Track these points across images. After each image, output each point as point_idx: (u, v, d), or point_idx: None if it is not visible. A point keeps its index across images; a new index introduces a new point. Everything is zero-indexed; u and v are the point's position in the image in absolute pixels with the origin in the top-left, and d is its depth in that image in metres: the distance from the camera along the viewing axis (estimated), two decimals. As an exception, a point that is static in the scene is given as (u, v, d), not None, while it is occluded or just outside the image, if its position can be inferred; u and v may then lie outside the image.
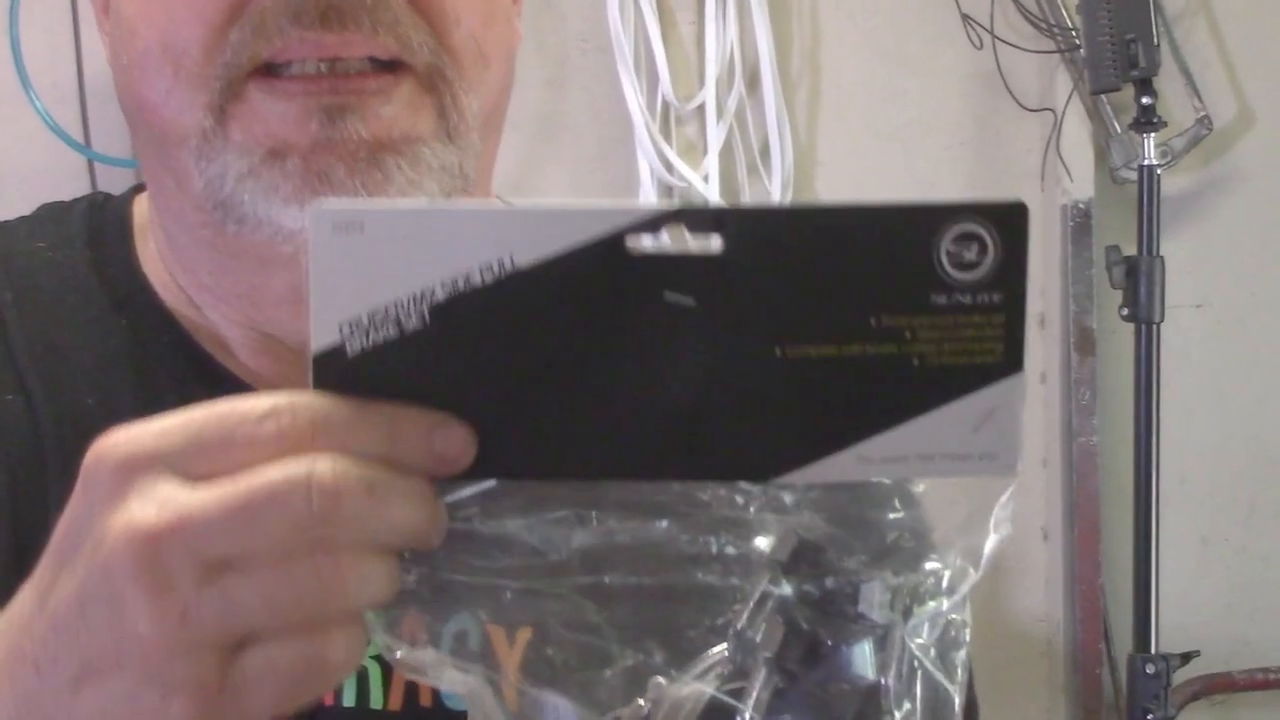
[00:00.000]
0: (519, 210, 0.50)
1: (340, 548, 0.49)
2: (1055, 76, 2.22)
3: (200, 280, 0.77)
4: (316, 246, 0.50)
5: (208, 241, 0.75)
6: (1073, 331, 2.23)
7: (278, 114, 0.69)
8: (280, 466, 0.49)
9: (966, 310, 0.51)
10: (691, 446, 0.51)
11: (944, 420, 0.52)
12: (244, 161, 0.69)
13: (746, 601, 0.57)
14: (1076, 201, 2.22)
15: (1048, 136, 2.24)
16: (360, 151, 0.68)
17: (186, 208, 0.74)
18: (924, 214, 0.50)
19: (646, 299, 0.50)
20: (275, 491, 0.48)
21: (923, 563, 0.56)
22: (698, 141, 2.16)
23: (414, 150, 0.70)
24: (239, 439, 0.49)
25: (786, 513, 0.56)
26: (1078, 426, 2.23)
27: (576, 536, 0.55)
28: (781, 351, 0.51)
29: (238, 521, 0.48)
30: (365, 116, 0.68)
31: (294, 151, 0.69)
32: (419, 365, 0.51)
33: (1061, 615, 2.27)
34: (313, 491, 0.48)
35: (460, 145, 0.72)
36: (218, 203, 0.71)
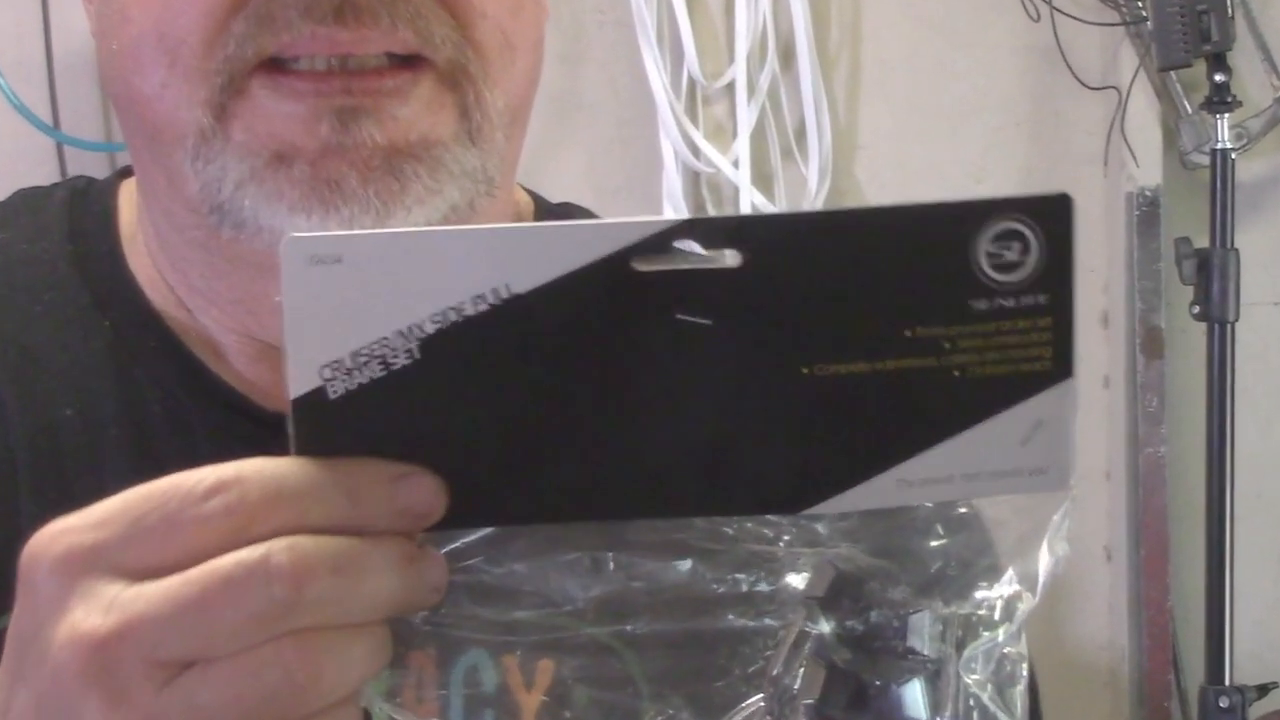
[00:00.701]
0: (513, 231, 0.50)
1: (310, 634, 0.49)
2: (1120, 51, 2.22)
3: (191, 282, 0.77)
4: (291, 282, 0.50)
5: (200, 244, 0.74)
6: (1139, 331, 2.23)
7: (284, 114, 0.68)
8: (234, 554, 0.49)
9: (1010, 315, 0.51)
10: (714, 479, 0.52)
11: (989, 435, 0.52)
12: (245, 165, 0.69)
13: (782, 644, 0.57)
14: (1143, 189, 2.22)
15: (1111, 117, 2.23)
16: (374, 158, 0.68)
17: (178, 208, 0.74)
18: (959, 213, 0.50)
19: (658, 321, 0.50)
20: (229, 582, 0.49)
21: (974, 591, 0.56)
22: (726, 123, 2.17)
23: (433, 155, 0.69)
24: (184, 522, 0.50)
25: (821, 545, 0.56)
26: (1144, 436, 2.23)
27: (592, 582, 0.55)
28: (809, 370, 0.51)
29: (192, 619, 0.49)
30: (380, 119, 0.68)
31: (301, 156, 0.68)
32: (409, 406, 0.51)
33: (1126, 643, 2.27)
34: (271, 578, 0.48)
35: (484, 147, 0.71)
36: (214, 207, 0.70)
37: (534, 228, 0.51)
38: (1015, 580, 0.56)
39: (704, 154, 2.12)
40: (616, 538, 0.55)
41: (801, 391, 0.51)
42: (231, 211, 0.69)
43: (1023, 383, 0.51)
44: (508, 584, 0.54)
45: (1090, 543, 2.27)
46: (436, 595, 0.52)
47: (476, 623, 0.54)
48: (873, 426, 0.51)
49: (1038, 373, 0.51)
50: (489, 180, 0.72)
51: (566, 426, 0.51)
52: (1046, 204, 0.50)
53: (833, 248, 0.50)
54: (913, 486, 0.52)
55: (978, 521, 0.57)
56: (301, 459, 0.50)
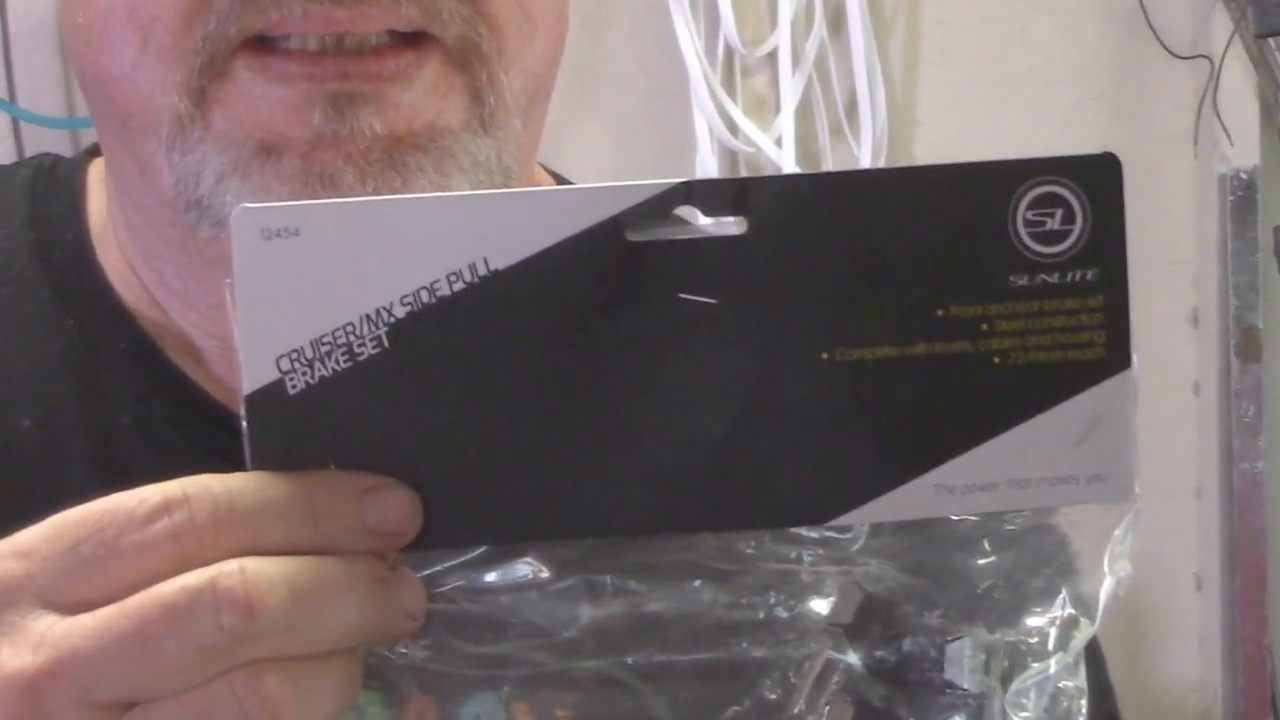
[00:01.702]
0: (490, 198, 0.51)
1: (267, 668, 0.49)
2: (1212, 16, 2.22)
3: (166, 282, 0.77)
4: (244, 260, 0.50)
5: (176, 242, 0.74)
6: (1233, 331, 2.22)
7: (272, 100, 0.68)
8: (178, 579, 0.49)
9: (1055, 292, 0.51)
10: (724, 486, 0.52)
11: (1038, 435, 0.51)
12: (227, 156, 0.68)
13: (805, 677, 0.56)
14: (1238, 170, 2.21)
15: (1202, 90, 2.23)
16: (374, 150, 0.67)
17: (151, 202, 0.74)
18: (993, 174, 0.50)
19: (656, 301, 0.50)
20: (173, 611, 0.48)
21: (1023, 616, 0.56)
22: (768, 96, 2.16)
23: (441, 145, 0.69)
24: (124, 549, 0.50)
25: (849, 563, 0.56)
26: (1239, 449, 2.22)
27: (589, 609, 0.55)
28: (829, 356, 0.51)
29: (132, 655, 0.49)
30: (381, 106, 0.67)
31: (291, 148, 0.67)
32: (378, 403, 0.51)
33: (1219, 683, 2.26)
34: (220, 606, 0.48)
35: (498, 135, 0.71)
36: (191, 202, 0.70)
37: (514, 194, 0.51)
38: (1070, 604, 0.56)
39: (743, 131, 2.11)
40: (615, 558, 0.55)
41: (821, 380, 0.51)
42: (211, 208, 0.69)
43: (1074, 373, 0.51)
44: (493, 613, 0.54)
45: (1178, 569, 2.26)
46: (412, 623, 0.52)
47: (457, 656, 0.54)
48: (904, 422, 0.51)
49: (1091, 361, 0.51)
50: (505, 171, 0.71)
51: (556, 428, 0.51)
52: (1091, 165, 0.50)
53: (849, 214, 0.50)
54: (953, 494, 0.52)
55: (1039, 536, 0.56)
56: (257, 474, 0.50)
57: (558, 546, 0.54)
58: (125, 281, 0.78)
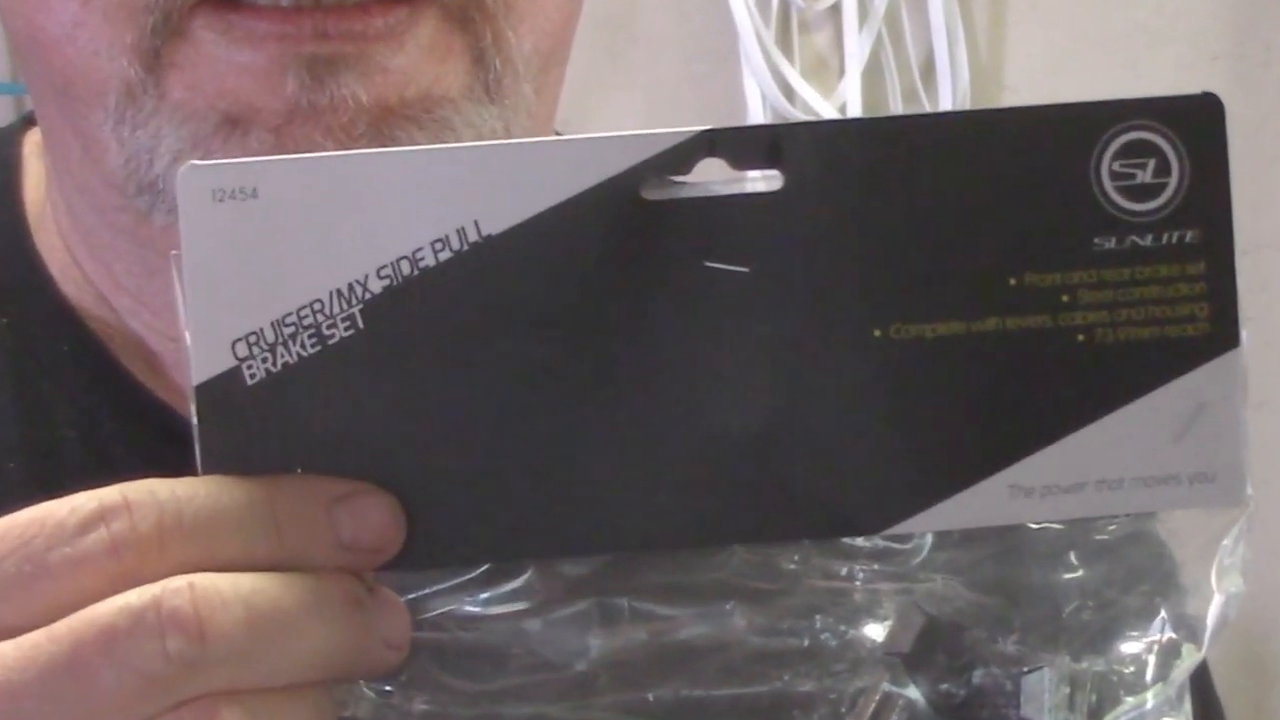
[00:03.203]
0: (482, 151, 0.51)
1: (222, 702, 0.49)
2: (1350, -39, 2.24)
3: (116, 277, 0.77)
4: (192, 226, 0.50)
5: (125, 230, 0.75)
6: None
7: (238, 65, 0.67)
8: (117, 599, 0.49)
9: (1148, 257, 0.51)
10: (761, 490, 0.52)
11: (1130, 426, 0.51)
12: (185, 130, 0.68)
13: (858, 715, 0.56)
14: (1378, 142, 2.23)
15: (1340, 52, 2.25)
16: (358, 122, 0.67)
17: (96, 184, 0.74)
18: (1071, 119, 0.51)
19: (677, 271, 0.50)
20: (111, 636, 0.48)
21: (1115, 641, 0.56)
22: (831, 57, 2.17)
23: (438, 117, 0.69)
24: (53, 565, 0.49)
25: (909, 579, 0.56)
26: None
27: (603, 638, 0.55)
28: (882, 333, 0.51)
29: (62, 688, 0.48)
30: (366, 71, 0.67)
31: (260, 120, 0.67)
32: (352, 392, 0.51)
33: (1367, 739, 2.29)
34: (166, 629, 0.48)
35: (506, 103, 0.71)
36: (144, 185, 0.70)
37: (508, 145, 0.51)
38: (1171, 626, 0.56)
39: (800, 97, 2.12)
40: (633, 578, 0.55)
41: (873, 362, 0.51)
42: (166, 191, 0.69)
43: (1172, 352, 0.51)
44: (490, 643, 0.54)
45: None
46: (394, 654, 0.52)
47: (450, 695, 0.54)
48: (972, 412, 0.52)
49: (1192, 338, 0.51)
50: None
51: (561, 423, 0.51)
52: (1188, 107, 0.51)
53: (903, 166, 0.51)
54: (1031, 497, 0.52)
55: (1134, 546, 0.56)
56: (210, 479, 0.50)
57: (566, 564, 0.54)
58: (68, 274, 0.79)
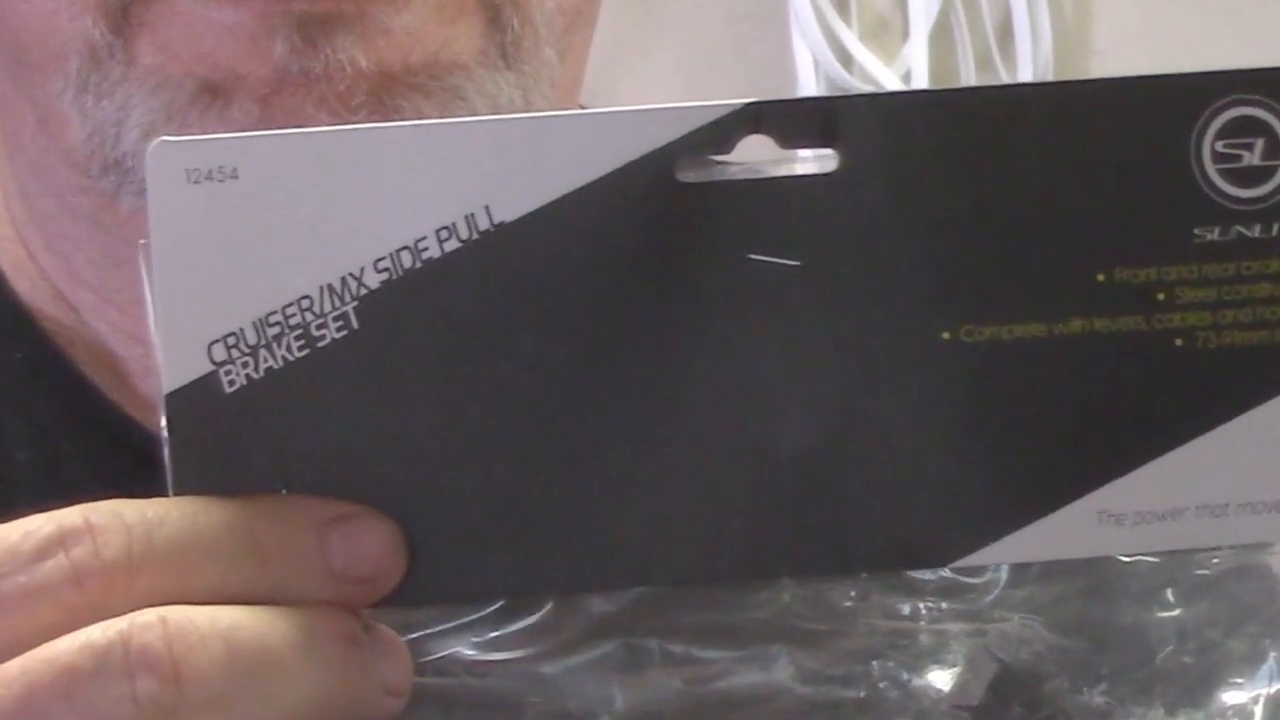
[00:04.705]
0: (496, 125, 0.51)
1: None
2: None
3: (75, 270, 0.78)
4: (164, 212, 0.50)
5: (88, 216, 0.75)
6: None
7: (219, 26, 0.68)
8: (78, 635, 0.48)
9: (1257, 251, 0.51)
10: (813, 516, 0.52)
11: (1236, 444, 0.51)
12: (158, 100, 0.69)
13: None
14: None
15: None
16: (357, 90, 0.68)
17: (55, 162, 0.75)
18: (1168, 92, 0.51)
19: (718, 264, 0.50)
20: (71, 678, 0.48)
21: (1218, 690, 0.56)
22: (893, 18, 2.20)
23: (448, 85, 0.69)
24: (7, 598, 0.49)
25: (981, 620, 0.56)
26: None
27: (630, 685, 0.55)
28: (952, 336, 0.51)
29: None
30: (366, 33, 0.68)
31: (244, 89, 0.68)
32: (346, 402, 0.51)
33: None
34: (134, 669, 0.48)
35: (525, 69, 0.72)
36: (109, 163, 0.70)
37: (524, 119, 0.51)
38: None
39: (858, 63, 2.14)
40: (665, 616, 0.55)
41: (942, 369, 0.51)
42: (136, 170, 0.69)
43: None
44: (502, 690, 0.54)
45: None
46: (394, 701, 0.52)
47: None
48: (1055, 426, 0.51)
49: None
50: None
51: (585, 439, 0.51)
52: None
53: (975, 145, 0.51)
54: (1122, 525, 0.52)
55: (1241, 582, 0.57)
56: (184, 499, 0.50)
57: (589, 600, 0.54)
58: (21, 269, 0.79)
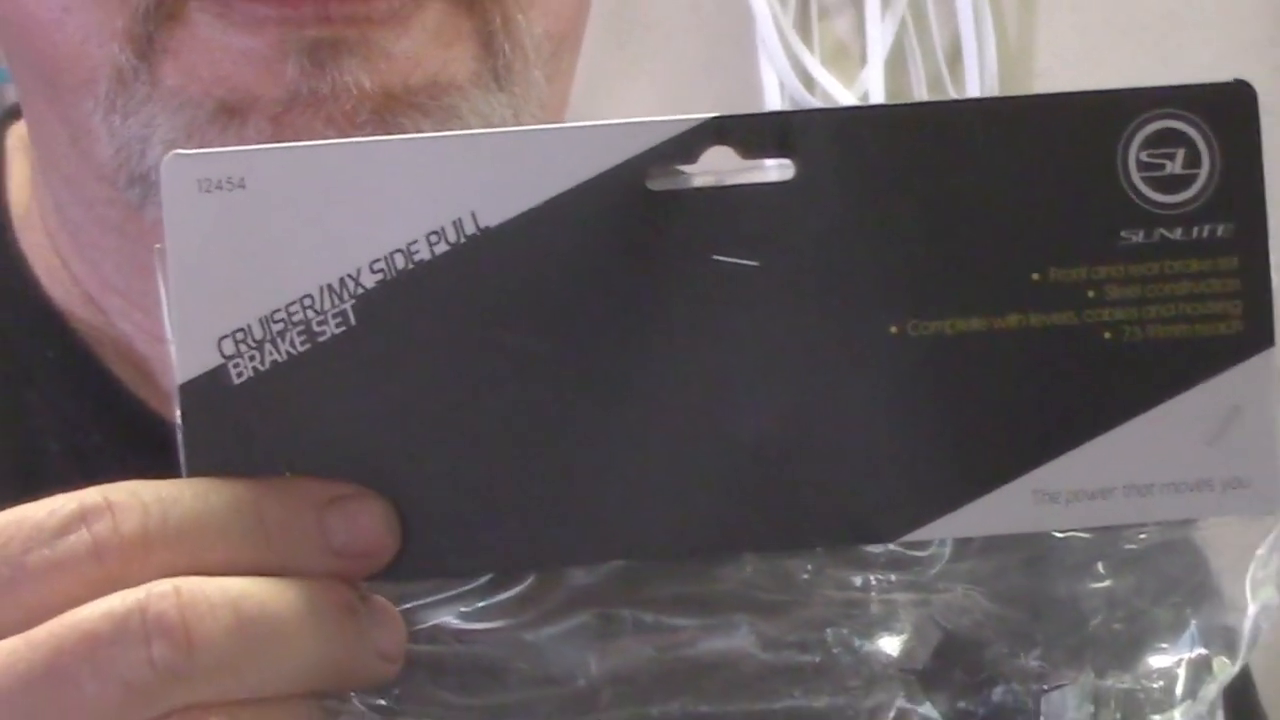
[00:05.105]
0: (481, 139, 0.51)
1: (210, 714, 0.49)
2: (1399, -59, 2.24)
3: (104, 276, 0.78)
4: (177, 218, 0.51)
5: (115, 226, 0.75)
6: None
7: (236, 51, 0.67)
8: (99, 603, 0.49)
9: (1178, 252, 0.51)
10: (773, 496, 0.52)
11: (1160, 429, 0.52)
12: (180, 119, 0.68)
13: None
14: None
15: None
16: (361, 110, 0.67)
17: (85, 176, 0.74)
18: (1097, 107, 0.52)
19: (684, 264, 0.51)
20: (93, 643, 0.48)
21: (1143, 656, 0.56)
22: (852, 43, 2.16)
23: (445, 104, 0.69)
24: (32, 568, 0.49)
25: (927, 590, 0.56)
26: None
27: (605, 651, 0.55)
28: (899, 330, 0.51)
29: (42, 696, 0.48)
30: (369, 56, 0.67)
31: (259, 108, 0.67)
32: (344, 392, 0.51)
33: None
34: (151, 635, 0.48)
35: (516, 90, 0.71)
36: (135, 177, 0.70)
37: (507, 133, 0.51)
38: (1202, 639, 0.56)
39: (820, 85, 2.11)
40: (637, 589, 0.55)
41: (890, 361, 0.51)
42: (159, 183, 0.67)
43: (1204, 352, 0.52)
44: (489, 656, 0.54)
45: None
46: (388, 666, 0.52)
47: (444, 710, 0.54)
48: (994, 413, 0.52)
49: (1225, 337, 0.52)
50: None
51: (563, 425, 0.52)
52: (1218, 95, 0.52)
53: (921, 155, 0.51)
54: (1056, 503, 0.52)
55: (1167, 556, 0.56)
56: (196, 480, 0.51)
57: (568, 575, 0.55)
58: (54, 275, 0.79)
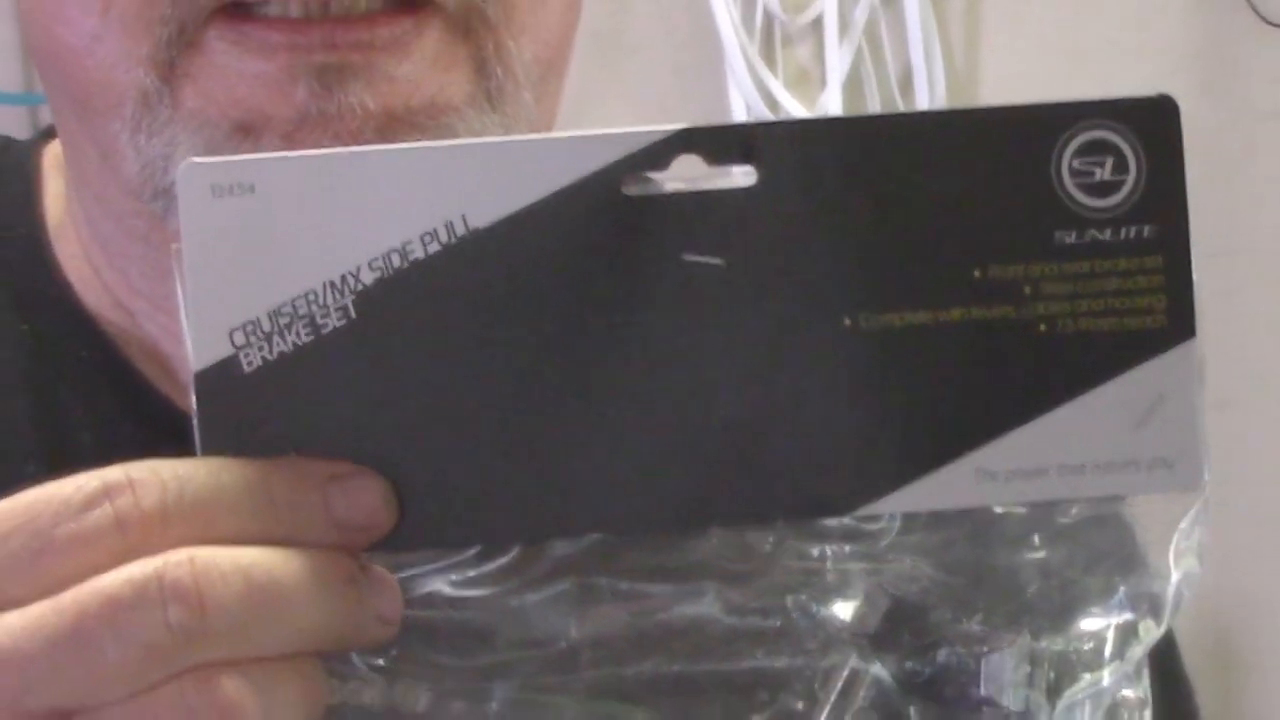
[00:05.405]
0: (470, 148, 0.52)
1: (221, 671, 0.49)
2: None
3: (131, 282, 0.77)
4: (192, 221, 0.51)
5: (140, 236, 0.75)
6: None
7: (250, 75, 0.67)
8: (120, 571, 0.48)
9: (1107, 252, 0.51)
10: (737, 474, 0.52)
11: (1091, 413, 0.52)
12: (199, 138, 0.68)
13: (828, 691, 0.56)
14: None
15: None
16: (365, 129, 0.67)
17: (113, 191, 0.74)
18: (1032, 118, 0.52)
19: (657, 263, 0.51)
20: (114, 605, 0.48)
21: (1075, 620, 0.56)
22: (813, 68, 2.17)
23: (442, 123, 0.69)
24: (59, 541, 0.49)
25: (878, 560, 0.56)
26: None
27: (584, 616, 0.55)
28: (852, 323, 0.51)
29: (67, 657, 0.48)
30: (373, 79, 0.67)
31: (271, 127, 0.67)
32: (345, 380, 0.51)
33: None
34: (166, 598, 0.48)
35: (507, 110, 0.71)
36: (159, 191, 0.70)
37: (494, 142, 0.52)
38: (1129, 605, 0.56)
39: (783, 108, 2.11)
40: (614, 560, 0.55)
41: (843, 350, 0.51)
42: None
43: (1131, 343, 0.52)
44: (478, 621, 0.54)
45: (1274, 601, 2.26)
46: (385, 629, 0.52)
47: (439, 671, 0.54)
48: (939, 398, 0.52)
49: (1150, 330, 0.52)
50: None
51: (546, 410, 0.51)
52: (1144, 108, 0.51)
53: (872, 162, 0.51)
54: (996, 480, 0.52)
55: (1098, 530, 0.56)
56: (209, 460, 0.50)
57: (550, 547, 0.54)
58: (86, 282, 0.78)
